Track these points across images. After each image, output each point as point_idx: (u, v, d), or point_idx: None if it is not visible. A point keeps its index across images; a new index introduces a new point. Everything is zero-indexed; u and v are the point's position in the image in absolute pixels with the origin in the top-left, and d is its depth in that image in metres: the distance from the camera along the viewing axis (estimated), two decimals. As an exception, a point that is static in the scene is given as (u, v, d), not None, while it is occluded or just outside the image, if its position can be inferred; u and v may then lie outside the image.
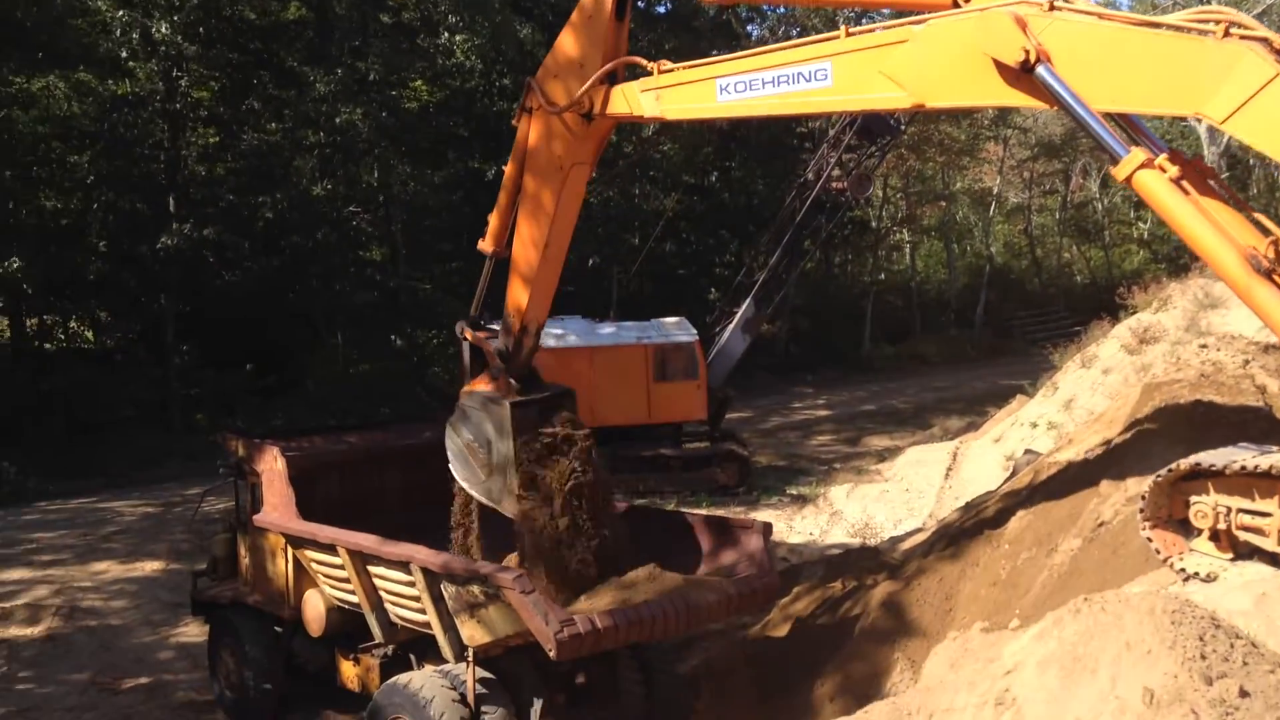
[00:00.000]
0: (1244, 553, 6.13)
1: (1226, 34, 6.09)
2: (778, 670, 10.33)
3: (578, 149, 9.03)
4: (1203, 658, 4.41)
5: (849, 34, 7.25)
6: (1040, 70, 6.52)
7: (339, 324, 30.05)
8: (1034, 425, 20.17)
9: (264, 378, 28.19)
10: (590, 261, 32.74)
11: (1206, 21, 6.16)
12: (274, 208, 27.46)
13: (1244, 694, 4.27)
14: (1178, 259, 44.52)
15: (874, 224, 43.12)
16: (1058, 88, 6.52)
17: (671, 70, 8.23)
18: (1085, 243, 53.92)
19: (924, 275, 49.51)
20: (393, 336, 30.89)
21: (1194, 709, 4.08)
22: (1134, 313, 22.03)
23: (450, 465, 9.69)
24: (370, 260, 32.41)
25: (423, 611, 8.64)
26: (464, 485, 9.62)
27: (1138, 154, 6.42)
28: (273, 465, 10.39)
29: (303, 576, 10.23)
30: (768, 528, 9.75)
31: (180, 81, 27.96)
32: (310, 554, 9.80)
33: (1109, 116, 6.77)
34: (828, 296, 42.69)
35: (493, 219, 9.85)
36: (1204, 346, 13.91)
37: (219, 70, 29.45)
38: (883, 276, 46.18)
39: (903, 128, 25.08)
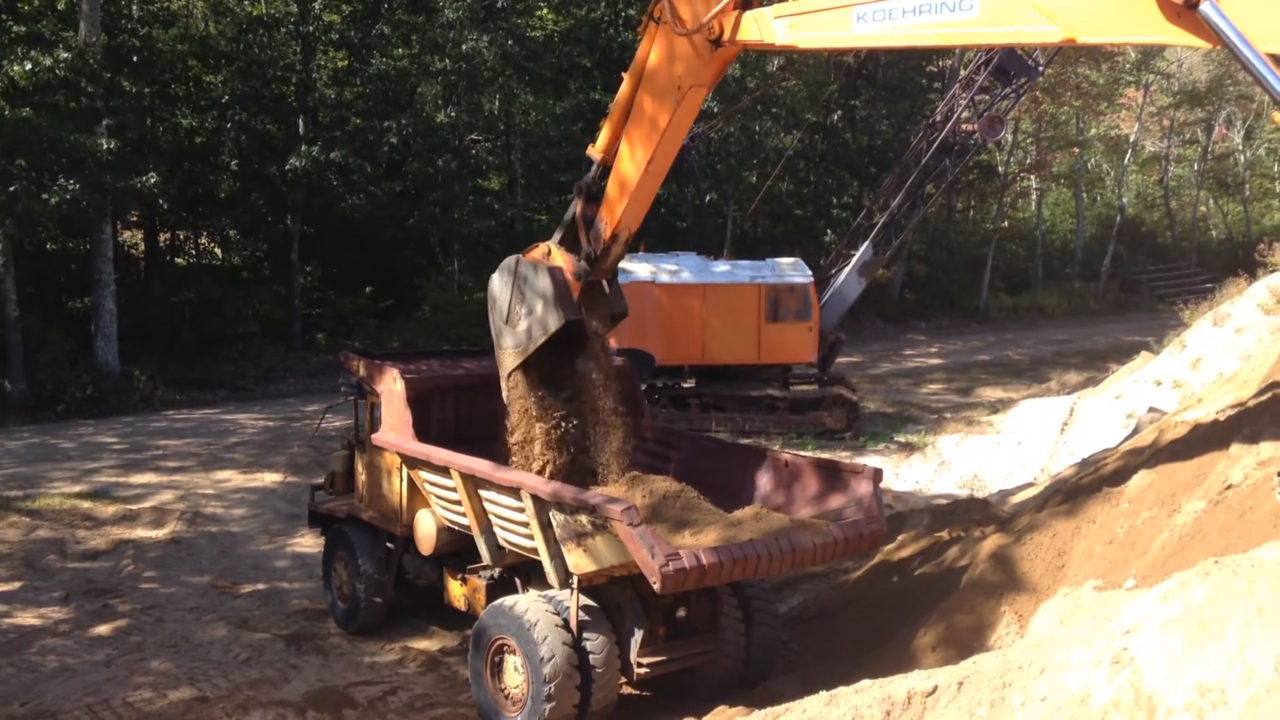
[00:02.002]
0: (1388, 525, 5.82)
1: None
2: (879, 617, 10.27)
3: (699, 72, 8.77)
4: (1340, 630, 4.22)
5: None
6: (1205, 6, 6.15)
7: (456, 251, 30.48)
8: (1158, 383, 19.47)
9: (382, 301, 28.84)
10: (708, 198, 32.48)
11: None
12: (398, 133, 27.83)
13: (1382, 670, 4.07)
14: (1325, 217, 42.21)
15: (1001, 169, 41.72)
16: (1223, 25, 6.13)
17: None
18: (1224, 196, 51.44)
19: (1050, 224, 47.86)
20: (508, 266, 31.18)
21: (1329, 683, 3.91)
22: (1274, 271, 20.99)
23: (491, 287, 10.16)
24: (489, 189, 32.70)
25: (531, 537, 8.79)
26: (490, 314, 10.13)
27: None
28: (392, 386, 10.61)
29: (416, 496, 10.49)
30: (878, 473, 9.60)
31: (313, 4, 28.41)
32: (424, 475, 10.03)
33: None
34: (948, 243, 41.63)
35: (605, 127, 9.64)
36: (1353, 309, 13.18)
37: (352, -7, 29.86)
38: (1006, 224, 44.78)
39: (1042, 69, 24.05)
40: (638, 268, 21.28)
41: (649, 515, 8.94)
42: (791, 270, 22.11)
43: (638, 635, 8.81)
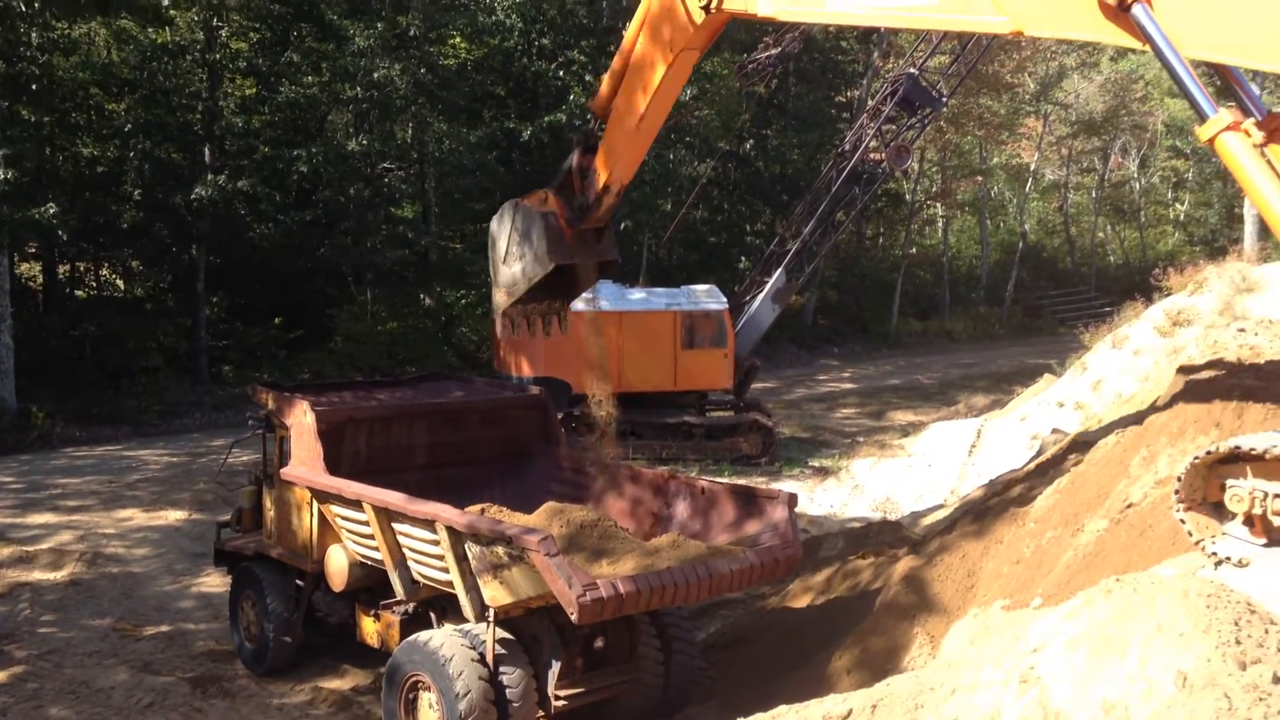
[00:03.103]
0: (1278, 539, 6.04)
1: None
2: (795, 641, 10.33)
3: (690, 37, 9.14)
4: (1237, 642, 4.35)
5: None
6: (1136, 9, 6.40)
7: (368, 281, 30.10)
8: (1060, 405, 20.01)
9: (291, 332, 28.33)
10: (622, 225, 32.60)
11: None
12: (308, 162, 27.44)
13: (1278, 680, 4.20)
14: (1214, 241, 43.90)
15: (908, 197, 42.69)
16: (1151, 29, 6.38)
17: None
18: (1120, 222, 53.27)
19: (956, 251, 49.03)
20: (422, 295, 30.92)
21: (1227, 693, 4.03)
22: (1168, 295, 21.73)
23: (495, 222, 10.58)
24: (402, 218, 32.40)
25: (446, 570, 8.67)
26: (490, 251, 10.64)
27: (1225, 115, 6.30)
28: (302, 419, 10.40)
29: (327, 531, 10.27)
30: (793, 498, 9.68)
31: (220, 31, 27.95)
32: (335, 509, 9.83)
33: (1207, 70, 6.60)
34: (858, 269, 42.39)
35: (604, 81, 10.05)
36: (1241, 330, 13.70)
37: (259, 21, 29.40)
38: (914, 251, 45.78)
39: (945, 100, 24.73)
40: (553, 296, 21.22)
41: (566, 545, 8.88)
42: (706, 297, 22.29)
43: (555, 667, 8.73)
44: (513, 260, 10.34)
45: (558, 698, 8.71)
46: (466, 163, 29.83)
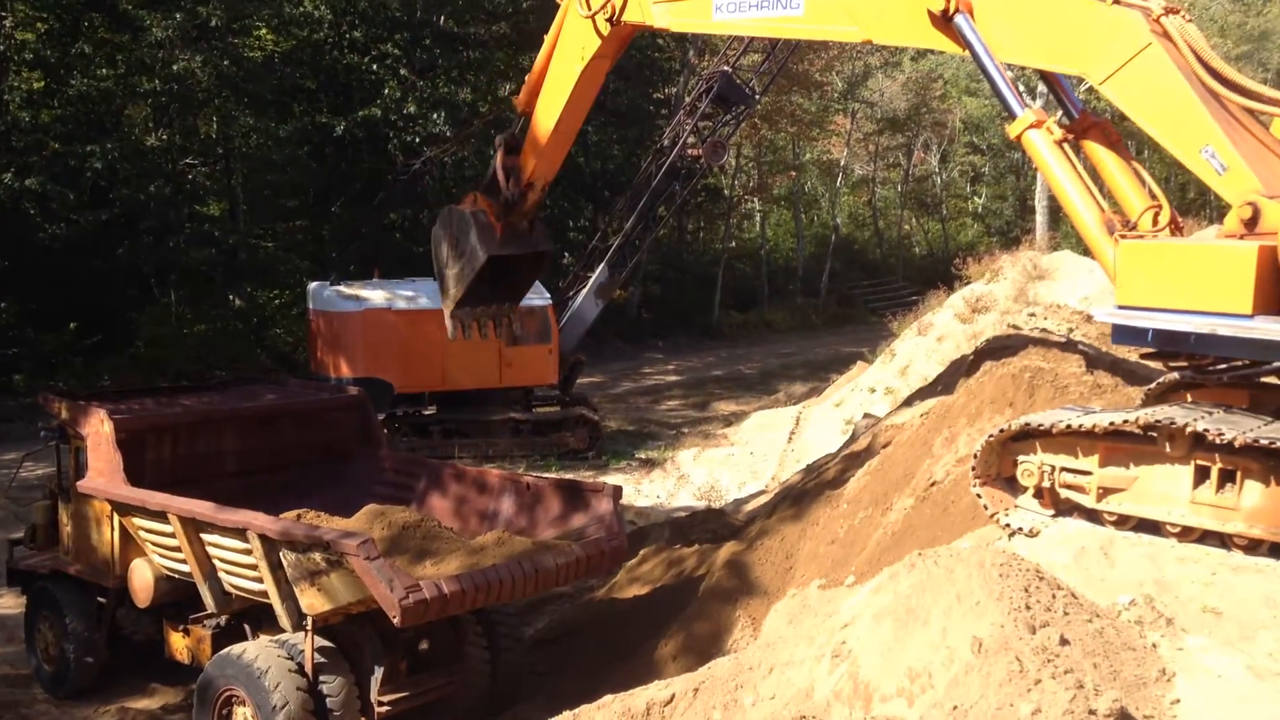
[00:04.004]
0: (1065, 509, 6.45)
1: (1116, 0, 6.54)
2: (623, 631, 10.42)
3: (601, 45, 9.95)
4: (1027, 608, 4.60)
5: None
6: (958, 19, 7.18)
7: (173, 282, 28.66)
8: (872, 390, 20.83)
9: (89, 337, 26.68)
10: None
11: None
12: (104, 158, 25.88)
13: (1064, 642, 4.48)
14: (1009, 232, 46.54)
15: (727, 192, 43.59)
16: (970, 36, 7.18)
17: None
18: (924, 215, 55.83)
19: (773, 244, 50.37)
20: (231, 296, 29.67)
21: (1019, 656, 4.26)
22: (967, 283, 22.92)
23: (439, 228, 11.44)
24: (208, 215, 30.99)
25: (259, 580, 8.38)
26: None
27: (1029, 114, 6.99)
28: (99, 428, 9.87)
29: (129, 545, 9.78)
30: (617, 491, 9.80)
31: (4, 22, 26.04)
32: (138, 521, 9.37)
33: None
34: (680, 263, 43.02)
35: (529, 79, 10.82)
36: (1032, 315, 14.59)
37: (46, 11, 27.52)
38: (734, 244, 46.79)
39: (758, 97, 25.36)
40: (373, 294, 20.77)
41: (388, 548, 8.71)
42: (530, 293, 22.16)
43: (378, 673, 8.55)
44: (453, 262, 11.16)
45: (381, 703, 8.52)
46: (276, 158, 28.78)
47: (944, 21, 7.31)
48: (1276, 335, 5.69)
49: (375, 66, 30.25)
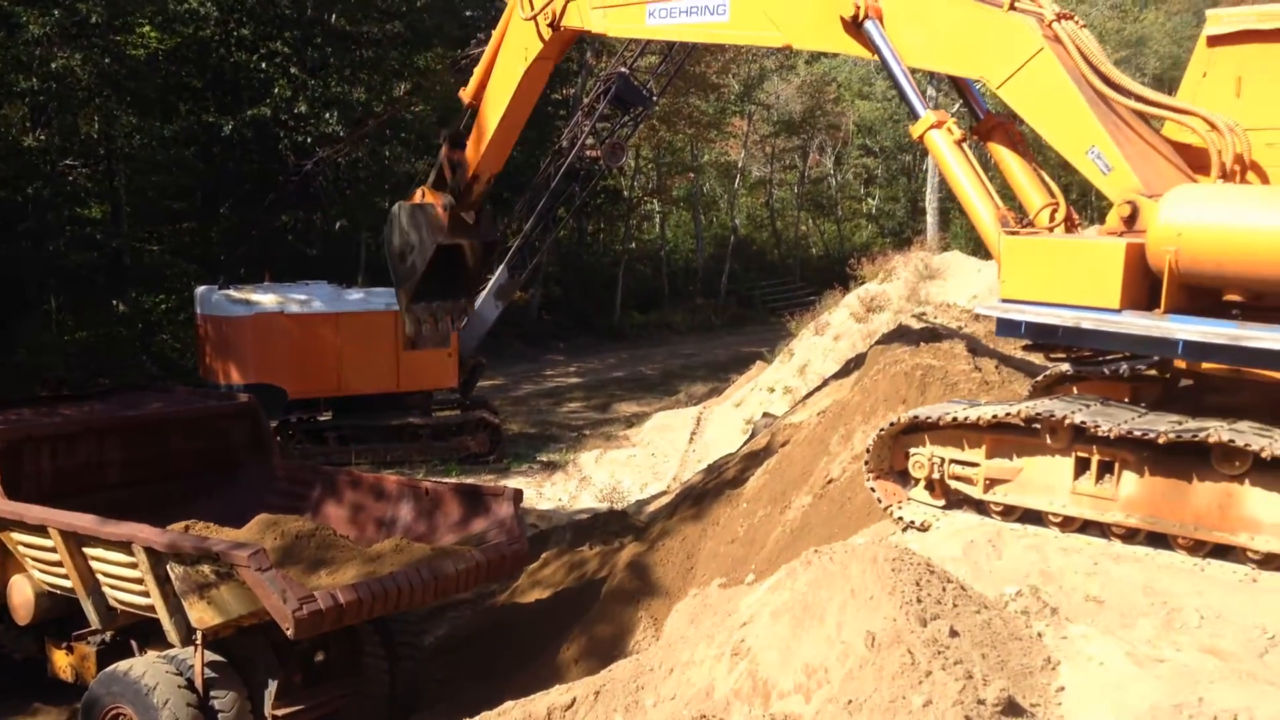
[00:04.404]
0: (955, 501, 6.61)
1: (1012, 7, 6.84)
2: (525, 637, 10.36)
3: (544, 47, 10.26)
4: (919, 601, 4.70)
5: None
6: (867, 25, 7.52)
7: (52, 287, 27.55)
8: (771, 390, 21.12)
9: (-39, 346, 25.52)
10: (338, 225, 31.53)
11: None
12: (-25, 159, 24.81)
13: (954, 634, 4.58)
14: (901, 233, 47.56)
15: (626, 194, 43.68)
16: (879, 42, 7.48)
17: None
18: (820, 216, 56.73)
19: (673, 245, 50.65)
20: (115, 301, 28.67)
21: (910, 649, 4.34)
22: (862, 283, 23.41)
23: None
24: (89, 218, 29.88)
25: (146, 594, 8.12)
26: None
27: (930, 116, 7.28)
28: (-30, 440, 9.43)
29: (8, 560, 9.37)
30: (518, 494, 9.75)
31: None
32: (16, 536, 9.00)
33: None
34: (581, 265, 42.97)
35: (476, 72, 11.13)
36: (923, 314, 14.94)
37: (-91, 5, 26.25)
38: (634, 246, 46.92)
39: (655, 99, 25.47)
40: (264, 298, 20.27)
41: (280, 558, 8.51)
42: (426, 296, 21.93)
43: (272, 686, 8.34)
44: (405, 256, 11.54)
45: (276, 718, 8.32)
46: (161, 159, 27.88)
47: (855, 27, 7.64)
48: (1141, 330, 5.91)
49: (264, 65, 29.53)
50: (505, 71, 10.72)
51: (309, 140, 28.91)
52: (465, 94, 11.31)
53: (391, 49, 32.37)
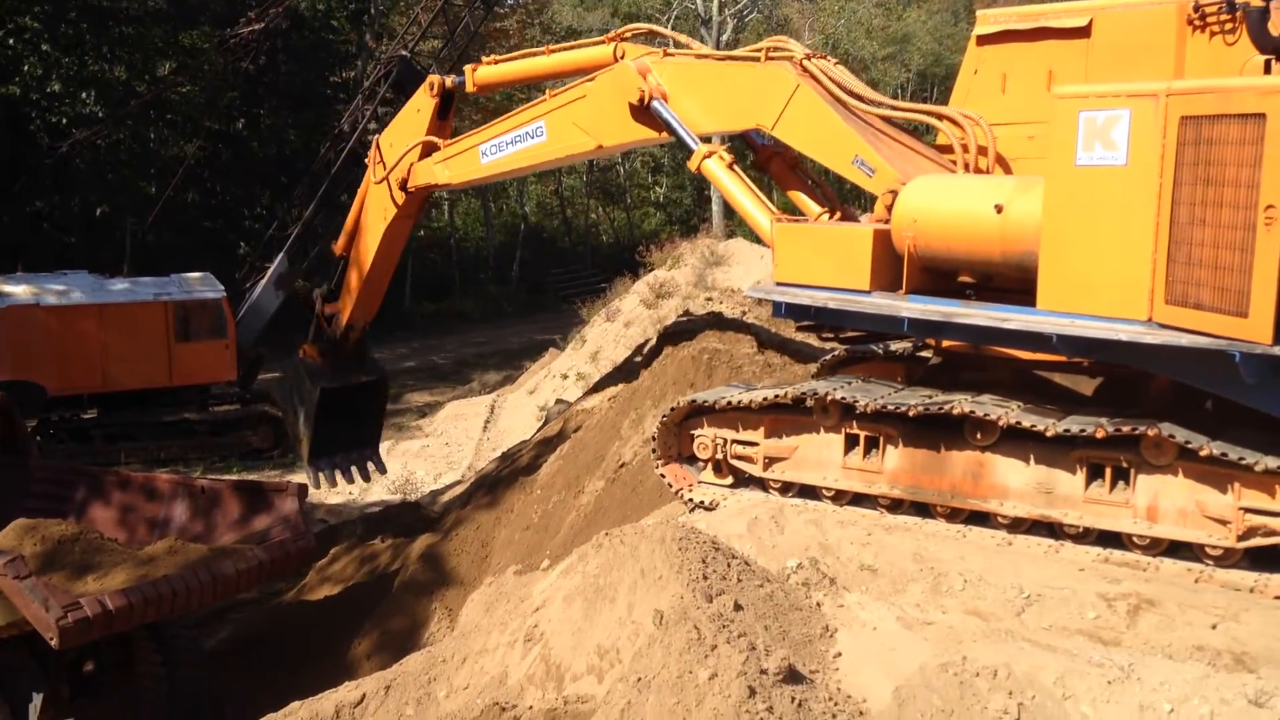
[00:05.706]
0: (740, 480, 6.85)
1: (768, 57, 7.68)
2: (313, 635, 10.08)
3: (400, 207, 10.91)
4: (705, 578, 4.85)
5: (550, 94, 9.12)
6: (654, 104, 8.30)
7: None
8: (565, 377, 21.23)
9: None
10: (99, 211, 29.55)
11: (764, 49, 7.77)
12: None
13: (738, 607, 4.75)
14: (689, 220, 48.65)
15: (411, 180, 42.88)
16: (665, 115, 8.27)
17: (451, 143, 10.10)
18: (610, 205, 57.33)
19: (463, 233, 50.03)
20: None
21: (696, 625, 4.47)
22: (651, 270, 23.79)
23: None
24: None
25: (-113, 611, 7.40)
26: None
27: (703, 148, 8.11)
28: None
29: None
30: (303, 489, 9.47)
31: None
32: None
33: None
34: (366, 252, 41.91)
35: (345, 227, 11.93)
36: (710, 300, 15.34)
37: None
38: (422, 233, 46.04)
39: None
40: (16, 289, 18.80)
41: (41, 565, 7.98)
42: (201, 285, 20.89)
43: (37, 700, 7.83)
44: (297, 409, 12.18)
45: (42, 735, 7.79)
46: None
47: (643, 110, 8.35)
48: (876, 309, 6.34)
49: (12, 41, 27.34)
50: (368, 230, 11.44)
51: (64, 121, 27.00)
52: (337, 247, 12.12)
53: (154, 25, 30.58)
